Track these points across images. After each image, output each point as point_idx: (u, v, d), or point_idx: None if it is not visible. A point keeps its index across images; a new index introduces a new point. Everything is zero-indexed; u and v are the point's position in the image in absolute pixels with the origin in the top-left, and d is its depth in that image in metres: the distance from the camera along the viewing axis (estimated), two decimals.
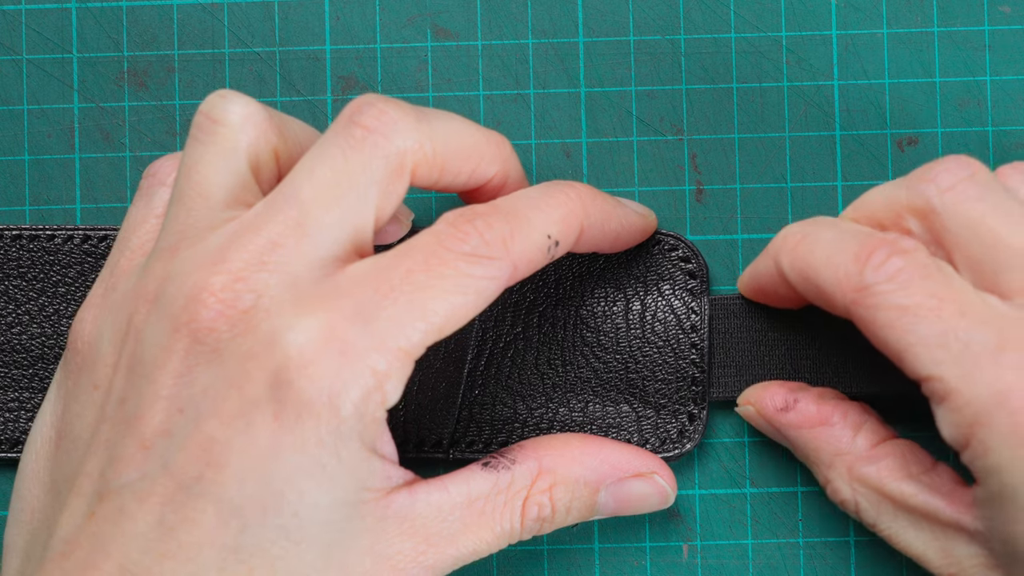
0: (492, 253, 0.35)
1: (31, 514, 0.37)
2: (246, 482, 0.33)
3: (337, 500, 0.34)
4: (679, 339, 0.42)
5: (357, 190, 0.35)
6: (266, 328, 0.33)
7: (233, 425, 0.33)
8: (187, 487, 0.33)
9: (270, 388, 0.33)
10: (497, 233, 0.35)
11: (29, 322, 0.43)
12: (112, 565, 0.33)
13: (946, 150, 0.43)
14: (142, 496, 0.33)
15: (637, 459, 0.39)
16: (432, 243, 0.35)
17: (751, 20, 0.44)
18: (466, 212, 0.35)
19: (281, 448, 0.33)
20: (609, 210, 0.39)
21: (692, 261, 0.42)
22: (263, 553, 0.33)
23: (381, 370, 0.33)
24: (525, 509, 0.37)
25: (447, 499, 0.36)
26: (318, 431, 0.33)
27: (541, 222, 0.36)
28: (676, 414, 0.42)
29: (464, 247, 0.35)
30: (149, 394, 0.34)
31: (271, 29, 0.44)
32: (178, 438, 0.33)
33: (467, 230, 0.35)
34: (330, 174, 0.35)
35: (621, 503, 0.39)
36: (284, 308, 0.33)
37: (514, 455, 0.38)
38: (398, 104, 0.36)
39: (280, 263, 0.34)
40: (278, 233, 0.34)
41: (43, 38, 0.44)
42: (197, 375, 0.33)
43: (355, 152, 0.35)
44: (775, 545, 0.43)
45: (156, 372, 0.34)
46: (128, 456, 0.34)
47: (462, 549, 0.36)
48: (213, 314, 0.34)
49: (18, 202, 0.44)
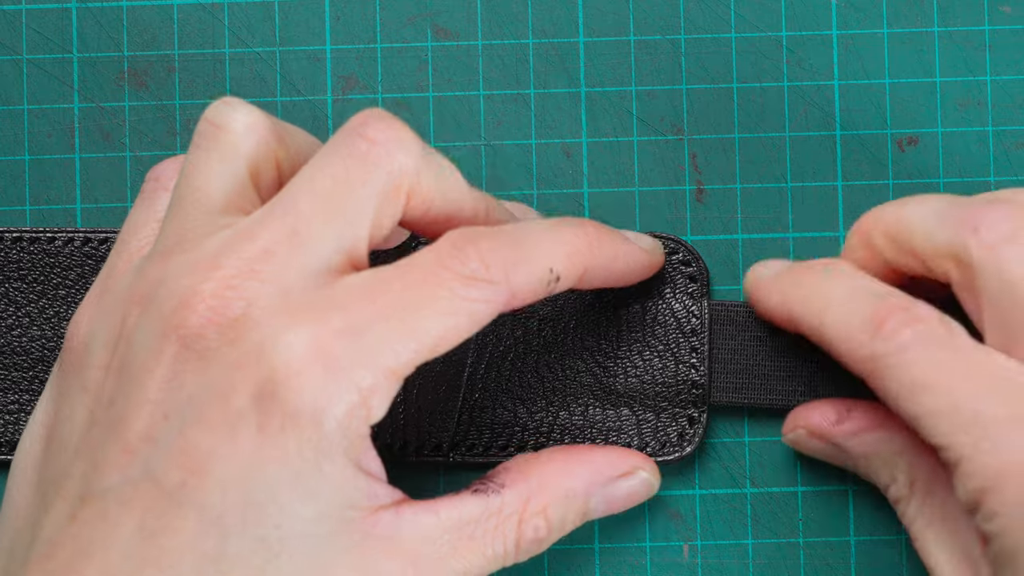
0: (492, 277, 0.34)
1: (16, 513, 0.37)
2: (228, 491, 0.33)
3: (320, 514, 0.33)
4: (679, 343, 0.42)
5: (355, 202, 0.34)
6: (254, 338, 0.33)
7: (217, 433, 0.33)
8: (169, 494, 0.33)
9: (255, 399, 0.33)
10: (499, 258, 0.35)
11: (29, 324, 0.43)
12: (93, 570, 0.33)
13: (946, 150, 0.43)
14: (124, 501, 0.33)
15: (619, 459, 0.39)
16: (432, 261, 0.34)
17: (751, 20, 0.44)
18: (470, 233, 0.35)
19: (264, 459, 0.33)
20: (616, 251, 0.39)
21: (692, 264, 0.42)
22: (244, 563, 0.33)
23: (366, 386, 0.33)
24: (521, 531, 0.37)
25: (436, 522, 0.36)
26: (300, 444, 0.33)
27: (544, 255, 0.36)
28: (676, 417, 0.42)
29: (464, 269, 0.34)
30: (136, 398, 0.34)
31: (271, 29, 0.44)
32: (162, 444, 0.33)
33: (469, 252, 0.34)
34: (329, 184, 0.34)
35: (611, 504, 0.39)
36: (274, 318, 0.33)
37: (502, 479, 0.37)
38: (406, 126, 0.35)
39: (273, 272, 0.34)
40: (273, 241, 0.34)
41: (43, 38, 0.44)
42: (184, 381, 0.33)
43: (357, 163, 0.35)
44: (775, 545, 0.43)
45: (144, 376, 0.34)
46: (112, 460, 0.33)
47: (451, 573, 0.36)
48: (202, 320, 0.33)
49: (18, 202, 0.44)
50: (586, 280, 0.38)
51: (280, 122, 0.37)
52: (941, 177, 0.43)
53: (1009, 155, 0.43)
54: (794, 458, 0.42)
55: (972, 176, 0.43)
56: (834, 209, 0.43)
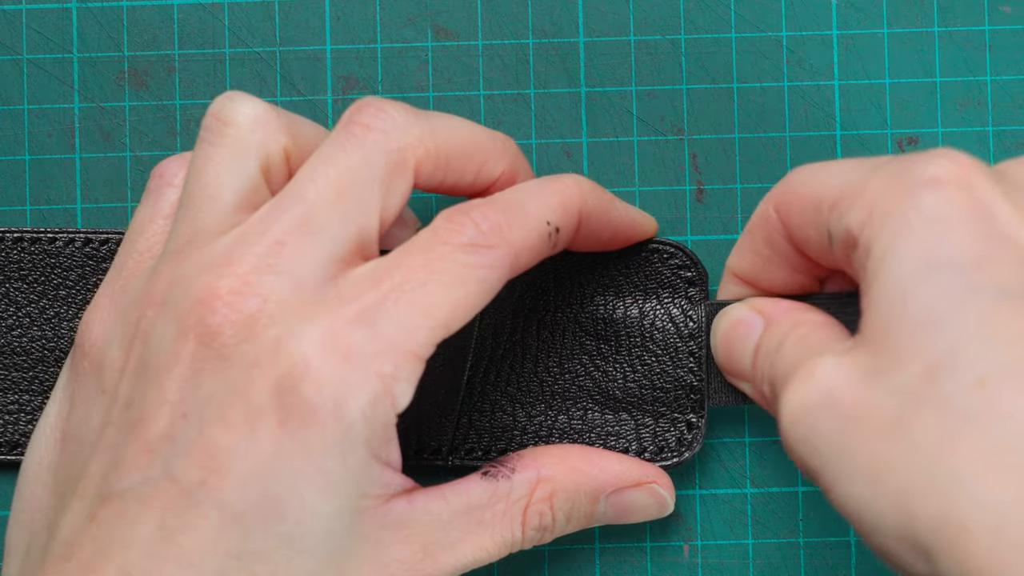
0: (490, 242, 0.35)
1: (32, 515, 0.37)
2: (249, 489, 0.33)
3: (340, 508, 0.34)
4: (677, 347, 0.42)
5: (361, 187, 0.35)
6: (271, 334, 0.33)
7: (237, 432, 0.33)
8: (190, 492, 0.33)
9: (274, 395, 0.33)
10: (493, 222, 0.35)
11: (30, 325, 0.43)
12: (113, 568, 0.33)
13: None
14: (144, 500, 0.33)
15: (636, 469, 0.39)
16: (430, 239, 0.35)
17: (751, 20, 0.44)
18: (461, 206, 0.35)
19: (285, 455, 0.33)
20: (608, 201, 0.39)
21: (691, 269, 0.42)
22: (265, 560, 0.33)
23: (388, 373, 0.33)
24: (526, 518, 0.37)
25: (446, 507, 0.36)
26: (323, 438, 0.33)
27: (538, 209, 0.36)
28: (675, 422, 0.42)
29: (461, 238, 0.35)
30: (154, 398, 0.34)
31: (271, 29, 0.44)
32: (181, 443, 0.33)
33: (462, 221, 0.35)
34: (333, 172, 0.35)
35: (620, 512, 0.39)
36: (288, 313, 0.33)
37: (513, 464, 0.38)
38: (396, 103, 0.36)
39: (285, 265, 0.34)
40: (283, 232, 0.34)
41: (43, 38, 0.44)
42: (202, 380, 0.33)
43: (356, 149, 0.35)
44: (775, 545, 0.43)
45: (162, 376, 0.34)
46: (131, 460, 0.34)
47: (461, 558, 0.36)
48: (219, 319, 0.34)
49: (18, 202, 0.44)
50: (583, 232, 0.38)
51: (286, 113, 0.37)
52: None
53: (1009, 155, 0.43)
54: None
55: None
56: None
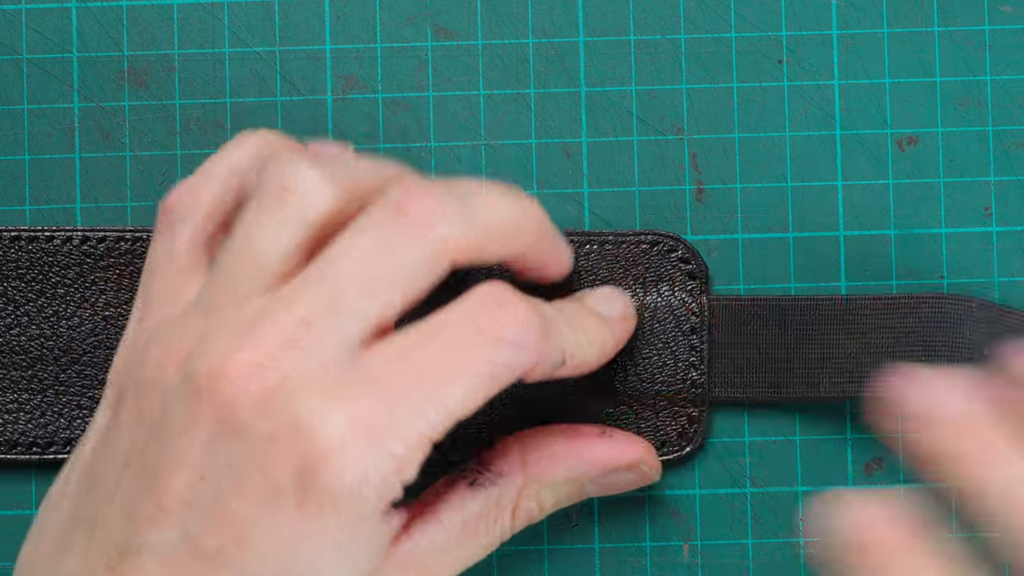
0: (525, 345, 0.35)
1: (39, 543, 0.36)
2: (267, 561, 0.33)
3: (355, 573, 0.34)
4: (678, 341, 0.42)
5: (393, 278, 0.34)
6: (290, 412, 0.33)
7: (256, 504, 0.33)
8: (209, 558, 0.33)
9: (293, 476, 0.33)
10: (536, 327, 0.35)
11: (28, 323, 0.43)
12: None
13: (946, 150, 0.43)
14: (164, 561, 0.33)
15: (622, 452, 0.40)
16: (465, 324, 0.34)
17: (751, 20, 0.44)
18: (505, 293, 0.35)
19: (304, 534, 0.33)
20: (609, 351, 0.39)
21: (691, 262, 0.42)
22: None
23: (401, 455, 0.33)
24: (515, 518, 0.38)
25: (443, 532, 0.36)
26: (339, 519, 0.33)
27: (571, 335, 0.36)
28: (675, 416, 0.42)
29: (500, 332, 0.34)
30: (170, 458, 0.34)
31: (271, 29, 0.44)
32: (199, 507, 0.33)
33: (505, 315, 0.35)
34: (370, 257, 0.34)
35: (606, 490, 0.40)
36: (308, 392, 0.33)
37: (499, 467, 0.38)
38: (443, 195, 0.35)
39: (310, 343, 0.33)
40: (311, 311, 0.34)
41: (43, 38, 0.44)
42: (219, 448, 0.33)
43: (398, 239, 0.34)
44: (775, 545, 0.43)
45: (179, 437, 0.34)
46: (148, 515, 0.34)
47: (456, 566, 0.37)
48: (235, 390, 0.33)
49: (18, 202, 0.44)
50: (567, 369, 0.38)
51: (345, 168, 0.36)
52: (941, 177, 0.43)
53: (1009, 155, 0.43)
54: (794, 458, 0.42)
55: (972, 176, 0.43)
56: (834, 209, 0.43)
